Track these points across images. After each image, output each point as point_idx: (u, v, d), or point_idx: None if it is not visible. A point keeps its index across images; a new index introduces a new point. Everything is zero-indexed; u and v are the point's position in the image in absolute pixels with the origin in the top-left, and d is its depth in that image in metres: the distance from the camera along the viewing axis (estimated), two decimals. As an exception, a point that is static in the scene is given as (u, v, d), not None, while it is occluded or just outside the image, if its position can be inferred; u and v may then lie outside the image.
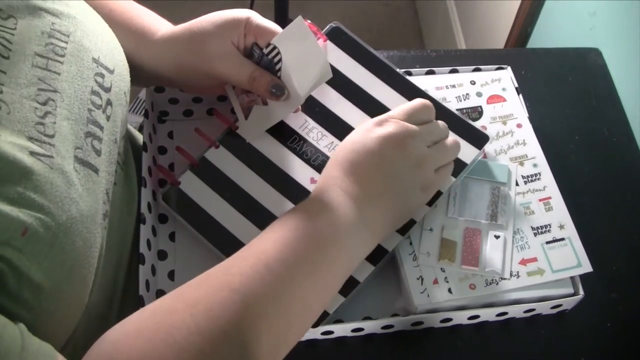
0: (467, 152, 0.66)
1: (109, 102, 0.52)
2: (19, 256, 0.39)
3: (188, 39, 0.62)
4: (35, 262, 0.40)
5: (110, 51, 0.55)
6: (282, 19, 1.48)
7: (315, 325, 0.58)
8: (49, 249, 0.41)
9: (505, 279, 0.63)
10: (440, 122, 0.62)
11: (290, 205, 0.63)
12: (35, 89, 0.45)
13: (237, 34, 0.61)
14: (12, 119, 0.43)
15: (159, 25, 0.65)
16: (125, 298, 0.59)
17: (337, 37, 0.70)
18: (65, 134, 0.46)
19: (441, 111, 0.67)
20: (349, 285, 0.60)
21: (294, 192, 0.64)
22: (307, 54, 0.62)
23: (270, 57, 0.62)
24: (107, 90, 0.52)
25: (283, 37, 0.61)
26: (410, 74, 0.74)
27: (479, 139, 0.67)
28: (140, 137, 0.73)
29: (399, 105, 0.62)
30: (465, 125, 0.67)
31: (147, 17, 0.65)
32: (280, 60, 0.62)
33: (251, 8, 0.61)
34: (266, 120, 0.66)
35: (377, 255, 0.61)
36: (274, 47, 0.62)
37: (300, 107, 0.67)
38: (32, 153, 0.42)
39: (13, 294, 0.39)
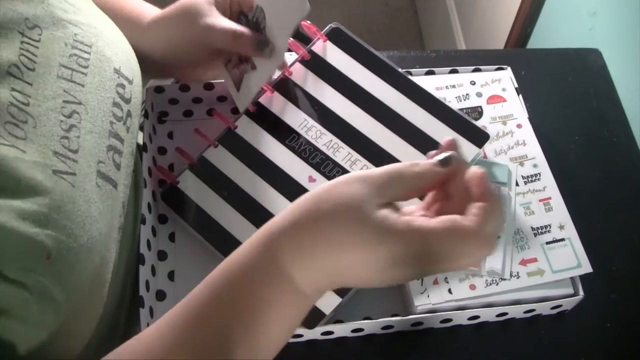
0: (468, 151, 0.66)
1: (129, 114, 0.52)
2: (43, 281, 0.38)
3: (177, 15, 0.63)
4: (58, 284, 0.39)
5: (129, 60, 0.54)
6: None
7: (313, 326, 0.58)
8: (71, 271, 0.41)
9: (505, 279, 0.63)
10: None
11: (288, 204, 0.63)
12: (61, 101, 0.44)
13: (222, 6, 0.63)
14: (39, 133, 0.42)
15: (146, 10, 0.65)
16: (133, 301, 0.59)
17: (337, 38, 0.70)
18: (89, 148, 0.45)
19: (441, 109, 0.67)
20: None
21: (293, 190, 0.64)
22: (286, 1, 0.63)
23: (255, 19, 0.64)
24: (128, 101, 0.52)
25: None
26: (410, 74, 0.74)
27: (479, 137, 0.66)
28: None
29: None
30: (465, 123, 0.67)
31: (134, 3, 0.66)
32: (264, 17, 0.64)
33: None
34: (255, 83, 0.66)
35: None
36: (257, 7, 0.64)
37: (284, 61, 0.69)
38: (56, 172, 0.41)
39: (35, 320, 0.39)
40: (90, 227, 0.43)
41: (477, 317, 0.63)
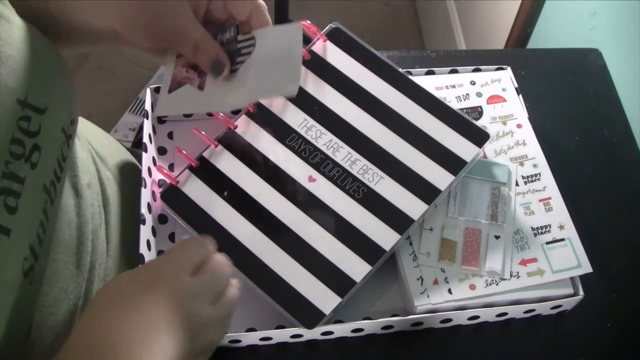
0: (468, 150, 0.66)
1: (35, 148, 0.45)
2: None
3: None
4: None
5: (44, 85, 0.47)
6: (282, 19, 1.48)
7: (313, 326, 0.58)
8: None
9: (505, 279, 0.63)
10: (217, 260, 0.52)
11: (288, 203, 0.63)
12: None
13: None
14: None
15: None
16: None
17: (337, 38, 0.70)
18: None
19: (441, 109, 0.67)
20: (346, 285, 0.60)
21: (293, 190, 0.64)
22: (283, 61, 0.54)
23: (240, 46, 0.56)
24: (34, 134, 0.45)
25: (269, 33, 0.55)
26: (410, 74, 0.74)
27: (479, 137, 0.66)
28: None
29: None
30: (466, 123, 0.67)
31: None
32: (249, 53, 0.56)
33: None
34: (190, 104, 0.58)
35: (375, 255, 0.61)
36: (252, 38, 0.56)
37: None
38: None
39: None
40: None
41: (477, 317, 0.63)
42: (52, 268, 0.51)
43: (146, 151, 0.64)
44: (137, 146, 1.62)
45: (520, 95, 0.74)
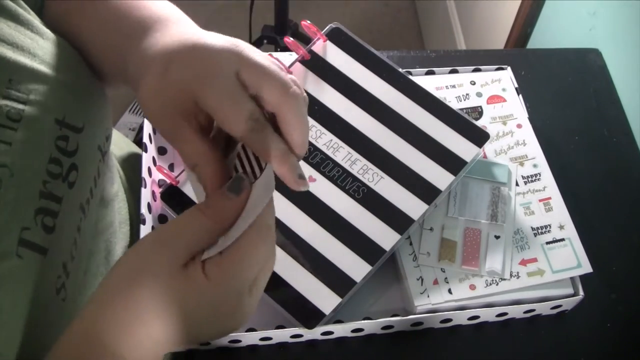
0: (468, 150, 0.66)
1: (72, 167, 0.45)
2: None
3: (186, 49, 0.43)
4: None
5: (81, 104, 0.47)
6: (282, 19, 1.48)
7: (313, 326, 0.58)
8: None
9: (505, 279, 0.63)
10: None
11: (288, 203, 0.63)
12: None
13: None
14: None
15: (159, 22, 0.47)
16: None
17: (337, 38, 0.70)
18: (7, 219, 0.39)
19: (441, 109, 0.67)
20: (346, 286, 0.60)
21: (292, 190, 0.64)
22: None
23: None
24: (71, 154, 0.45)
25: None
26: (410, 74, 0.74)
27: (479, 137, 0.66)
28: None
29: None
30: (466, 123, 0.67)
31: (147, 10, 0.48)
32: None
33: (251, 9, 0.55)
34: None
35: (375, 255, 0.61)
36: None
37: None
38: None
39: None
40: (4, 304, 0.38)
41: (477, 317, 0.63)
42: (83, 280, 0.51)
43: (146, 151, 0.64)
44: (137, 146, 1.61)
45: (520, 95, 0.74)
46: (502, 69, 0.77)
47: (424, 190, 0.64)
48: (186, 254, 0.40)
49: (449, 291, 0.62)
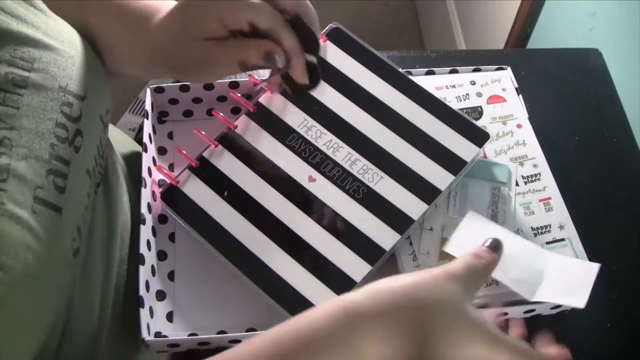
0: (468, 150, 0.66)
1: (77, 133, 0.48)
2: None
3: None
4: None
5: (83, 74, 0.50)
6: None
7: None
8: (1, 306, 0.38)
9: (505, 279, 0.63)
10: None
11: (288, 203, 0.63)
12: None
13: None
14: None
15: (157, 5, 0.57)
16: (127, 304, 0.58)
17: (337, 38, 0.70)
18: (22, 175, 0.42)
19: (441, 109, 0.67)
20: (346, 286, 0.60)
21: (293, 190, 0.64)
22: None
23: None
24: (76, 120, 0.48)
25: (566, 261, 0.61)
26: (410, 74, 0.74)
27: (479, 137, 0.66)
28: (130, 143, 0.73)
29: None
30: (466, 123, 0.67)
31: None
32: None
33: None
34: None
35: (374, 255, 0.61)
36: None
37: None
38: None
39: None
40: (26, 255, 0.40)
41: (477, 317, 0.62)
42: (91, 247, 0.53)
43: (146, 151, 0.64)
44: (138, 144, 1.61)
45: (520, 95, 0.74)
46: (502, 69, 0.77)
47: (424, 190, 0.64)
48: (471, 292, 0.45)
49: (449, 291, 0.62)
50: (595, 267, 0.60)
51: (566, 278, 0.60)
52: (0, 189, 0.40)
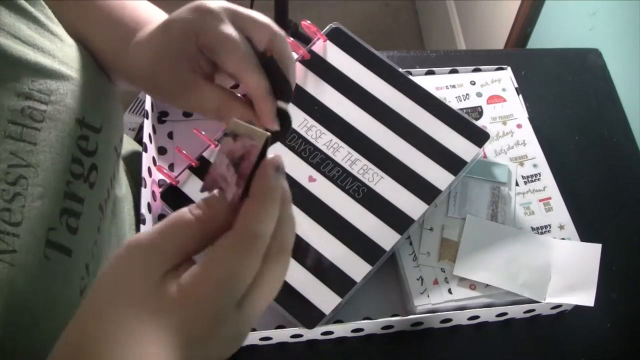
0: (468, 150, 0.66)
1: (93, 167, 0.46)
2: None
3: (180, 10, 0.47)
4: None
5: (98, 104, 0.48)
6: (282, 19, 1.48)
7: (313, 326, 0.58)
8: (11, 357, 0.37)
9: (505, 279, 0.63)
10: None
11: (290, 205, 0.63)
12: (5, 166, 0.39)
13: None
14: None
15: (145, 20, 0.51)
16: None
17: (337, 38, 0.70)
18: (36, 217, 0.40)
19: (441, 109, 0.67)
20: (346, 285, 0.60)
21: (293, 190, 0.64)
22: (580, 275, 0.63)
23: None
24: (92, 153, 0.46)
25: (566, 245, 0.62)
26: (410, 74, 0.74)
27: (479, 137, 0.66)
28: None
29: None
30: (466, 123, 0.67)
31: (134, 11, 0.52)
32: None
33: (251, 8, 0.55)
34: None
35: (375, 255, 0.61)
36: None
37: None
38: None
39: None
40: (35, 302, 0.38)
41: (477, 317, 0.63)
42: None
43: (146, 151, 0.64)
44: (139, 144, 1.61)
45: (520, 95, 0.74)
46: (502, 69, 0.77)
47: (424, 190, 0.64)
48: (162, 263, 0.34)
49: (449, 291, 0.62)
50: (597, 248, 0.63)
51: (574, 264, 0.63)
52: (13, 234, 0.38)
